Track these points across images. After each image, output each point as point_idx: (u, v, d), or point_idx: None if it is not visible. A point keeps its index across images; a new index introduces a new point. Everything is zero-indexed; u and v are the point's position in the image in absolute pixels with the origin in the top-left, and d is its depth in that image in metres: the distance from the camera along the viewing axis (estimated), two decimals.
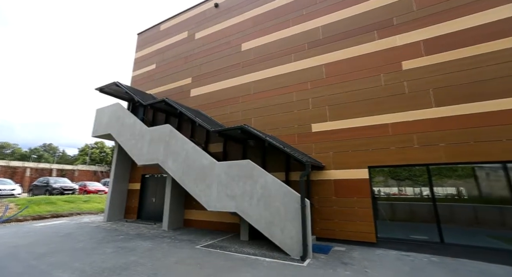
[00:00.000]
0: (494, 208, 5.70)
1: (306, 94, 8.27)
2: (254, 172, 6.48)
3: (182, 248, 6.16)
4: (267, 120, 8.81)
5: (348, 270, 4.72)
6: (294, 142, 8.03)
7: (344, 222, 6.80)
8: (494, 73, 5.93)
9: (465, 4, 6.57)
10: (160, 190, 10.48)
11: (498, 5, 6.19)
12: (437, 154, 6.15)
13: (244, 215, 6.36)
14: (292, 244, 5.61)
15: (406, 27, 7.17)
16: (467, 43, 6.34)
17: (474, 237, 5.70)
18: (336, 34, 8.22)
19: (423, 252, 5.82)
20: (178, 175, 7.83)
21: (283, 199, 5.91)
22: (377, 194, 6.91)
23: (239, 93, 9.75)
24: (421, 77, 6.69)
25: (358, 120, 7.21)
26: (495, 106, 5.77)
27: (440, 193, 6.24)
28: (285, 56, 9.03)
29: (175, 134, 8.33)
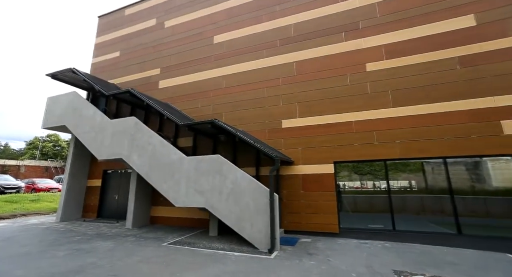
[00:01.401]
0: (436, 198, 6.45)
1: (277, 90, 8.39)
2: (224, 167, 6.42)
3: (147, 247, 5.90)
4: (239, 115, 8.76)
5: (312, 260, 4.96)
6: (265, 138, 8.13)
7: (310, 215, 7.13)
8: (440, 79, 6.64)
9: (419, 15, 7.20)
10: (124, 186, 9.85)
11: (448, 18, 6.91)
12: (393, 150, 6.73)
13: (214, 211, 6.29)
14: (260, 238, 5.71)
15: (370, 32, 7.64)
16: (420, 51, 6.98)
17: (419, 224, 6.41)
18: (307, 32, 8.44)
19: (378, 239, 6.38)
20: (144, 170, 7.43)
21: (253, 194, 5.97)
22: (342, 187, 7.36)
23: (211, 87, 9.52)
24: (382, 79, 7.22)
25: (326, 117, 7.55)
26: (440, 108, 6.49)
27: (395, 186, 6.86)
28: (258, 52, 9.03)
29: (141, 127, 7.86)
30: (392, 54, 7.25)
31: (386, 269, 4.43)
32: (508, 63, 6.15)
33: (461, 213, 6.03)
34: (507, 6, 6.42)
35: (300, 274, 4.25)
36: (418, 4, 7.28)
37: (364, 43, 7.63)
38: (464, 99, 6.32)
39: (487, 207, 6.12)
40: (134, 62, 11.43)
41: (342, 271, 4.37)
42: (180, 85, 10.13)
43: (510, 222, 5.72)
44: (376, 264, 4.69)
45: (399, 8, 7.46)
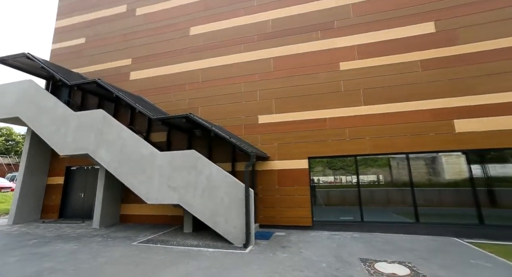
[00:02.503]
0: (399, 191, 6.98)
1: (254, 86, 8.38)
2: (199, 163, 6.29)
3: (115, 247, 5.59)
4: (215, 110, 8.61)
5: (286, 253, 5.10)
6: (241, 133, 8.10)
7: (285, 209, 7.30)
8: (405, 80, 7.13)
9: (388, 19, 7.62)
10: (91, 183, 9.21)
11: (412, 24, 7.40)
12: (363, 146, 7.12)
13: (188, 207, 6.15)
14: (236, 233, 5.72)
15: (344, 31, 7.92)
16: (388, 53, 7.42)
17: (384, 215, 6.90)
18: (285, 29, 8.51)
19: (348, 230, 6.75)
20: (113, 166, 7.00)
21: (228, 189, 5.94)
22: (316, 182, 7.62)
23: (186, 80, 9.21)
24: (354, 78, 7.55)
25: (301, 113, 7.73)
26: (404, 107, 6.98)
27: (365, 180, 7.28)
28: (235, 46, 8.91)
29: (110, 121, 7.36)
30: (364, 55, 7.61)
31: (354, 258, 4.71)
32: (459, 69, 6.79)
33: (419, 204, 6.60)
34: (458, 17, 7.05)
35: (273, 266, 4.34)
36: (387, 8, 7.70)
37: (339, 42, 7.90)
38: (424, 100, 6.87)
39: (440, 197, 6.77)
40: (102, 50, 10.62)
41: (313, 261, 4.56)
42: (153, 77, 9.65)
43: (457, 210, 6.41)
44: (345, 253, 4.96)
45: (370, 11, 7.82)
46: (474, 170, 6.46)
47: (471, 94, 6.56)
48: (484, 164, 6.48)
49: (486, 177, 6.40)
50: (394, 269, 4.12)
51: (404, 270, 4.05)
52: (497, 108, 6.33)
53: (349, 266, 4.26)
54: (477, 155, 6.51)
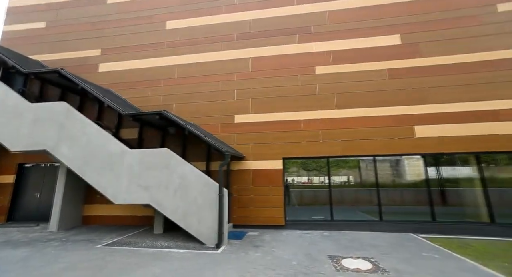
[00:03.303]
0: (366, 191, 7.43)
1: (232, 85, 8.33)
2: (171, 161, 6.08)
3: (76, 251, 5.17)
4: (191, 107, 8.40)
5: (258, 252, 5.14)
6: (217, 132, 8.01)
7: (259, 209, 7.36)
8: (374, 87, 7.61)
9: (361, 28, 8.08)
10: (49, 182, 8.40)
11: (382, 35, 7.92)
12: (335, 148, 7.44)
13: (159, 207, 5.92)
14: (208, 233, 5.64)
15: (320, 37, 8.23)
16: (360, 60, 7.86)
17: (353, 213, 7.30)
18: (264, 30, 8.59)
19: (319, 229, 7.02)
20: (76, 164, 6.47)
21: (201, 188, 5.83)
22: (291, 182, 7.80)
23: (161, 76, 8.86)
24: (329, 82, 7.88)
25: (277, 114, 7.86)
26: (373, 112, 7.45)
27: (337, 181, 7.62)
28: (214, 44, 8.78)
29: (74, 115, 6.80)
30: (338, 60, 7.97)
31: (323, 255, 4.90)
32: (420, 79, 7.43)
33: (384, 203, 7.09)
34: (419, 32, 7.72)
35: (245, 266, 4.35)
36: (359, 19, 8.15)
37: (315, 47, 8.18)
38: (390, 106, 7.40)
39: (402, 197, 7.35)
40: (66, 38, 9.77)
41: (285, 260, 4.66)
42: (125, 70, 9.12)
43: (415, 208, 7.02)
44: (315, 251, 5.15)
45: (345, 20, 8.23)
46: (429, 172, 7.11)
47: (429, 103, 7.22)
48: (438, 166, 7.17)
49: (439, 178, 7.09)
50: (358, 264, 4.37)
51: (367, 265, 4.32)
52: (449, 116, 7.05)
53: (318, 263, 4.43)
54: (433, 158, 7.18)
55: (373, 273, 3.98)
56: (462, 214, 6.79)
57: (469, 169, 7.00)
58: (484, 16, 7.51)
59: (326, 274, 3.98)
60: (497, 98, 6.92)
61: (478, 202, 6.75)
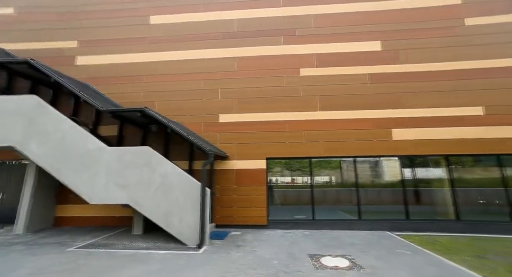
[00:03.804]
0: (347, 191, 7.67)
1: (216, 84, 8.26)
2: (153, 160, 5.92)
3: (44, 255, 4.86)
4: (174, 105, 8.21)
5: (240, 252, 5.14)
6: (200, 131, 7.90)
7: (242, 209, 7.35)
8: (356, 90, 7.89)
9: (344, 33, 8.31)
10: (16, 181, 7.82)
11: (364, 40, 8.22)
12: (317, 149, 7.61)
13: (138, 207, 5.73)
14: (189, 233, 5.55)
15: (305, 40, 8.38)
16: (343, 64, 8.10)
17: (333, 213, 7.51)
18: (250, 30, 8.60)
19: (301, 229, 7.15)
20: (48, 162, 6.08)
21: (183, 188, 5.73)
22: (274, 182, 7.86)
23: (144, 72, 8.58)
24: (313, 84, 8.04)
25: (262, 115, 7.91)
26: (354, 115, 7.70)
27: (319, 181, 7.79)
28: (199, 41, 8.64)
29: (46, 109, 6.39)
30: (322, 63, 8.16)
31: (303, 254, 5.00)
32: (398, 84, 7.80)
33: (363, 203, 7.36)
34: (398, 40, 8.10)
35: (226, 265, 4.33)
36: (343, 24, 8.40)
37: (300, 50, 8.32)
38: (370, 109, 7.70)
39: (380, 196, 7.68)
40: (39, 26, 9.16)
41: (266, 259, 4.70)
42: (105, 65, 8.73)
43: (391, 208, 7.36)
44: (296, 250, 5.24)
45: (329, 24, 8.44)
46: (405, 173, 7.49)
47: (405, 108, 7.61)
48: (413, 168, 7.58)
49: (413, 179, 7.49)
50: (337, 262, 4.51)
51: (345, 263, 4.47)
52: (422, 121, 7.47)
53: (299, 262, 4.52)
54: (408, 160, 7.58)
55: (350, 270, 4.13)
56: (433, 212, 7.23)
57: (440, 171, 7.46)
58: (454, 29, 8.04)
59: (306, 272, 4.07)
60: (463, 105, 7.45)
61: (446, 201, 7.22)
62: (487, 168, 7.31)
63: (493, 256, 4.89)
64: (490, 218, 6.92)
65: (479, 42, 7.83)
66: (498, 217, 6.92)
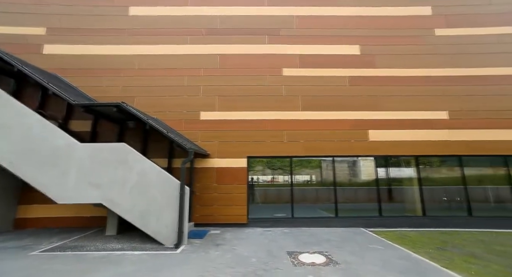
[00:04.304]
0: (326, 189, 7.90)
1: (198, 80, 8.10)
2: (129, 157, 5.66)
3: (1, 261, 4.46)
4: (154, 101, 7.93)
5: (218, 250, 5.10)
6: (181, 128, 7.71)
7: (222, 207, 7.30)
8: (336, 92, 8.15)
9: (325, 36, 8.54)
10: None
11: (344, 44, 8.51)
12: (298, 148, 7.76)
13: (113, 206, 5.46)
14: (167, 233, 5.40)
15: (288, 40, 8.49)
16: (324, 66, 8.32)
17: (312, 211, 7.70)
18: (234, 28, 8.53)
19: (280, 226, 7.24)
20: (7, 159, 5.57)
21: (162, 186, 5.56)
22: (256, 181, 7.89)
23: (122, 65, 8.18)
24: (295, 84, 8.17)
25: (244, 113, 7.89)
26: (333, 115, 7.96)
27: (300, 180, 7.95)
28: (181, 36, 8.41)
29: (5, 100, 5.84)
30: (304, 64, 8.32)
31: (282, 251, 5.08)
32: (375, 88, 8.19)
33: (340, 201, 7.63)
34: (376, 45, 8.49)
35: (205, 265, 4.28)
36: (325, 27, 8.62)
37: (283, 50, 8.41)
38: (349, 111, 7.99)
39: (356, 195, 8.01)
40: (2, 9, 8.35)
41: (245, 257, 4.71)
42: (78, 55, 8.19)
43: (366, 205, 7.71)
44: (275, 248, 5.31)
45: (311, 26, 8.62)
46: (380, 172, 7.89)
47: (381, 110, 8.01)
48: (387, 167, 8.00)
49: (387, 178, 7.92)
50: (314, 258, 4.64)
51: (321, 259, 4.62)
52: (396, 123, 7.91)
53: (277, 260, 4.58)
54: (383, 160, 7.98)
55: (326, 266, 4.27)
56: (403, 209, 7.70)
57: (411, 170, 7.95)
58: (425, 38, 8.59)
59: (284, 269, 4.14)
60: (431, 109, 8.00)
61: (415, 198, 7.72)
62: (451, 168, 7.93)
63: (451, 248, 5.34)
64: (451, 214, 7.53)
65: (446, 51, 8.45)
66: (458, 213, 7.54)
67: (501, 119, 7.88)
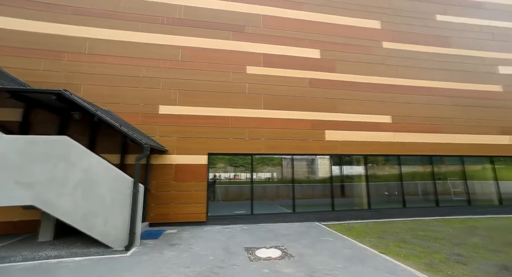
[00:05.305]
0: (285, 186, 8.20)
1: (158, 72, 7.61)
2: (72, 152, 5.04)
3: None
4: (106, 91, 7.19)
5: (174, 250, 4.90)
6: (137, 122, 7.16)
7: (180, 205, 7.02)
8: (297, 92, 8.49)
9: (289, 38, 8.80)
10: None
11: (307, 47, 8.90)
12: (259, 146, 7.88)
13: (49, 208, 4.79)
14: (116, 235, 4.97)
15: (254, 38, 8.53)
16: (287, 67, 8.58)
17: (272, 207, 7.93)
18: (198, 20, 8.22)
19: (239, 223, 7.29)
20: None
21: (112, 184, 5.09)
22: (218, 178, 7.77)
23: (65, 48, 7.21)
24: (258, 82, 8.26)
25: (206, 109, 7.69)
26: (293, 115, 8.27)
27: (262, 177, 8.08)
28: (138, 23, 7.78)
29: None
30: (268, 63, 8.46)
31: (239, 247, 5.11)
32: (333, 91, 8.79)
33: (297, 197, 8.01)
34: (334, 51, 9.12)
35: (157, 266, 4.07)
36: (289, 28, 8.88)
37: (248, 47, 8.42)
38: (308, 111, 8.41)
39: (313, 191, 8.49)
40: None
41: (201, 256, 4.61)
42: (5, 30, 6.94)
43: (321, 200, 8.24)
44: (232, 245, 5.32)
45: (276, 26, 8.80)
46: (334, 170, 8.51)
47: (336, 112, 8.63)
48: (341, 165, 8.67)
49: (340, 175, 8.58)
50: (270, 253, 4.78)
51: (277, 253, 4.78)
52: (350, 124, 8.62)
53: (234, 256, 4.60)
54: (337, 159, 8.62)
55: (281, 260, 4.44)
56: (352, 203, 8.45)
57: (360, 168, 8.77)
58: (374, 48, 9.52)
59: (241, 265, 4.17)
60: (378, 113, 8.90)
61: (362, 193, 8.56)
62: (392, 166, 8.98)
63: (388, 236, 6.09)
64: (390, 206, 8.56)
65: (391, 62, 9.51)
66: (395, 205, 8.61)
67: (428, 124, 9.24)
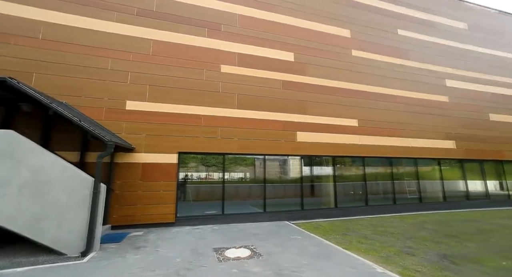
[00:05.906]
0: (257, 186, 8.25)
1: (126, 65, 7.16)
2: (19, 149, 4.49)
3: None
4: (63, 82, 6.55)
5: (138, 254, 4.64)
6: (101, 118, 6.65)
7: (147, 206, 6.68)
8: (270, 94, 8.62)
9: (265, 39, 8.90)
10: None
11: (281, 49, 9.08)
12: (232, 146, 7.83)
13: None
14: (71, 240, 4.56)
15: (229, 37, 8.46)
16: (261, 67, 8.66)
17: (243, 207, 7.93)
18: (172, 14, 7.91)
19: (210, 224, 7.16)
20: None
21: (68, 184, 4.65)
22: (189, 178, 7.53)
23: (13, 30, 6.45)
24: (232, 82, 8.21)
25: (177, 106, 7.43)
26: (266, 116, 8.37)
27: (235, 177, 8.02)
28: (105, 11, 7.24)
29: None
30: (242, 63, 8.45)
31: (208, 248, 5.03)
32: (304, 93, 9.07)
33: (268, 196, 8.12)
34: (307, 55, 9.45)
35: (118, 272, 3.82)
36: (265, 30, 8.99)
37: (223, 46, 8.32)
38: (281, 112, 8.58)
39: (284, 191, 8.68)
40: None
41: (168, 258, 4.44)
42: None
43: (291, 200, 8.47)
44: (201, 246, 5.21)
45: (252, 27, 8.84)
46: (305, 170, 8.79)
47: (307, 114, 8.93)
48: (311, 166, 8.99)
49: (310, 175, 8.91)
50: (239, 253, 4.78)
51: (246, 253, 4.80)
52: (319, 127, 8.99)
53: (202, 257, 4.51)
54: (308, 159, 8.92)
55: (250, 259, 4.46)
56: (320, 202, 8.82)
57: (329, 169, 9.18)
58: (344, 55, 10.07)
59: (209, 266, 4.11)
60: (345, 117, 9.44)
61: (330, 193, 8.98)
62: (358, 167, 9.57)
63: (352, 233, 6.47)
64: (354, 204, 9.12)
65: (358, 69, 10.14)
66: (359, 203, 9.21)
67: (388, 128, 10.03)
